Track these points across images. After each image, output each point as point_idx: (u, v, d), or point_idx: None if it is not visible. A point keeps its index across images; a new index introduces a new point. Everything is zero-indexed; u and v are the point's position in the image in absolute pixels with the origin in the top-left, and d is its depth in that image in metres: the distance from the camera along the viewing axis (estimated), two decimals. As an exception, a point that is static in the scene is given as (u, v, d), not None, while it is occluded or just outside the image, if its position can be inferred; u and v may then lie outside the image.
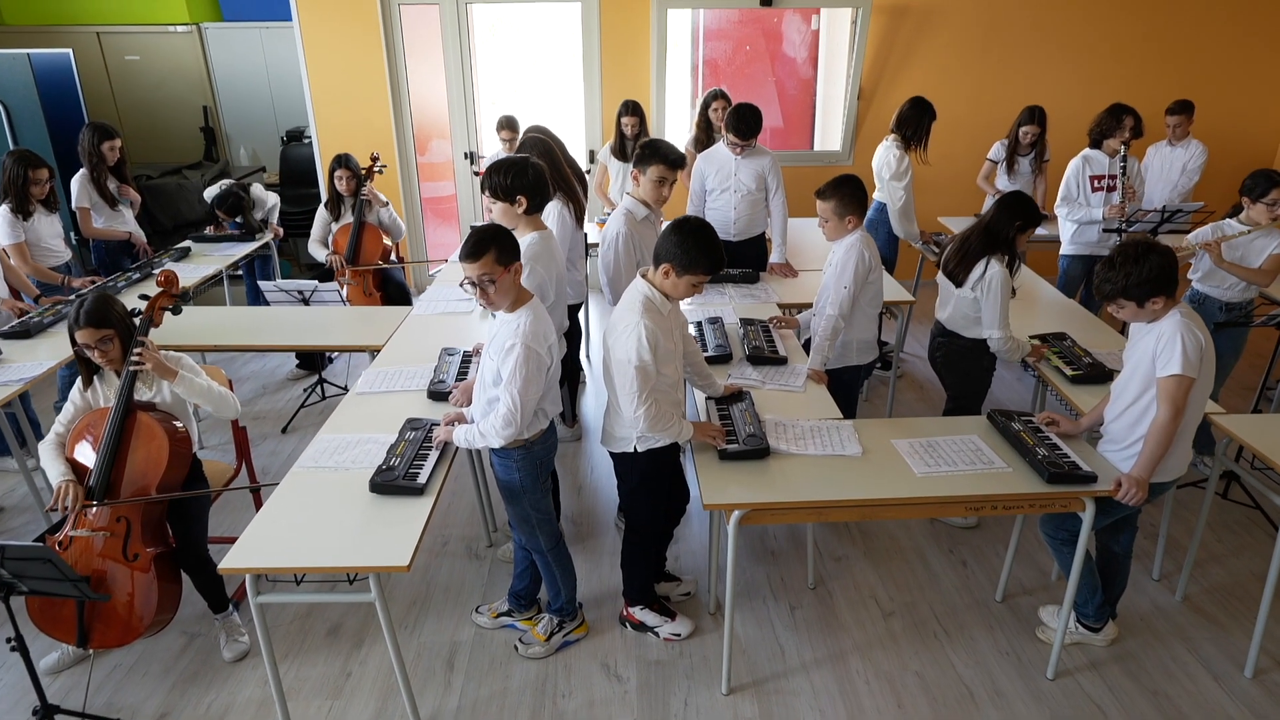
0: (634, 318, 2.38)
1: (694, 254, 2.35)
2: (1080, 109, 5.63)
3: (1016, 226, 3.00)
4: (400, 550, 2.11)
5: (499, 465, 2.49)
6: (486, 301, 2.29)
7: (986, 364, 3.22)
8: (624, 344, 2.38)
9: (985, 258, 3.03)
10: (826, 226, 3.03)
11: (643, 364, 2.35)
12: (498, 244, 2.26)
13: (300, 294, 4.12)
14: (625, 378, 2.38)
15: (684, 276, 2.38)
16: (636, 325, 2.35)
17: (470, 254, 2.26)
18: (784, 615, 2.98)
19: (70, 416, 2.66)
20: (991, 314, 3.02)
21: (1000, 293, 2.97)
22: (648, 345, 2.34)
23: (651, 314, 2.39)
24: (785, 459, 2.52)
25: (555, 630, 2.80)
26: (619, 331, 2.41)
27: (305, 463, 2.52)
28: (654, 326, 2.37)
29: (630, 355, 2.35)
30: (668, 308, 2.45)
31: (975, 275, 3.05)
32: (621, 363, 2.39)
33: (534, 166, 2.72)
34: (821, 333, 3.04)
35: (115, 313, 2.56)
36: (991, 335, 3.05)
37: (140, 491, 2.55)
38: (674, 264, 2.37)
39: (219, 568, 2.07)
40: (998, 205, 3.06)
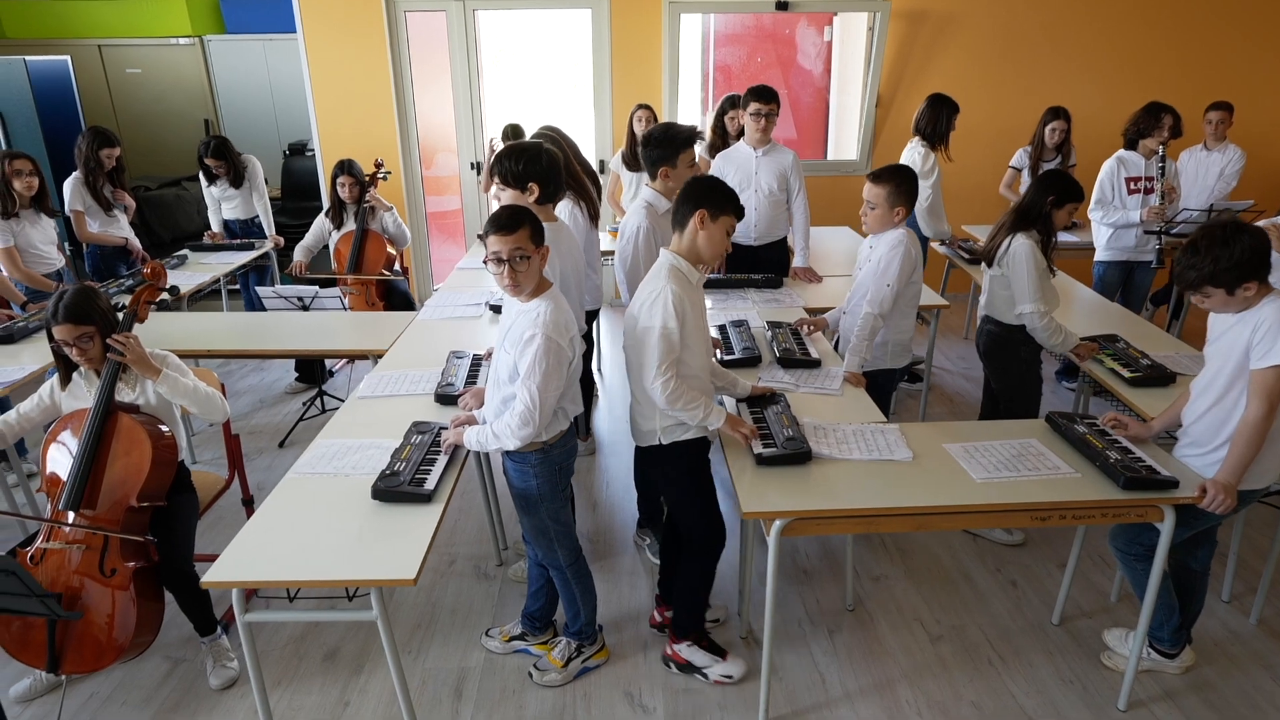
0: (660, 283, 2.20)
1: (722, 194, 2.22)
2: (1101, 115, 5.49)
3: (1050, 202, 2.84)
4: (406, 563, 1.88)
5: (514, 471, 2.27)
6: (513, 282, 2.09)
7: (1026, 355, 3.01)
8: (648, 311, 2.19)
9: (1014, 233, 2.87)
10: (872, 215, 2.83)
11: (667, 330, 2.16)
12: (532, 222, 2.08)
13: (300, 300, 3.93)
14: (649, 346, 2.19)
15: (718, 220, 2.21)
16: (663, 290, 2.17)
17: (506, 226, 2.07)
18: (822, 640, 2.73)
19: (30, 410, 2.46)
20: (1020, 287, 2.84)
21: (1027, 264, 2.81)
22: (674, 311, 2.16)
23: (679, 281, 2.21)
24: (828, 464, 2.29)
25: (573, 655, 2.55)
26: (643, 300, 2.23)
27: (301, 468, 2.30)
28: (681, 293, 2.18)
29: (654, 321, 2.17)
30: (695, 277, 2.27)
31: (1002, 250, 2.91)
32: (646, 330, 2.19)
33: (548, 153, 2.54)
34: (859, 333, 2.83)
35: (97, 307, 2.36)
36: (1024, 310, 2.86)
37: (120, 500, 2.33)
38: (707, 208, 2.20)
39: (202, 581, 1.84)
40: (1033, 183, 2.96)
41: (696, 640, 2.52)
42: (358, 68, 5.49)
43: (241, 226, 5.03)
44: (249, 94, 6.52)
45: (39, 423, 2.48)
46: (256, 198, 4.95)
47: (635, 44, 5.55)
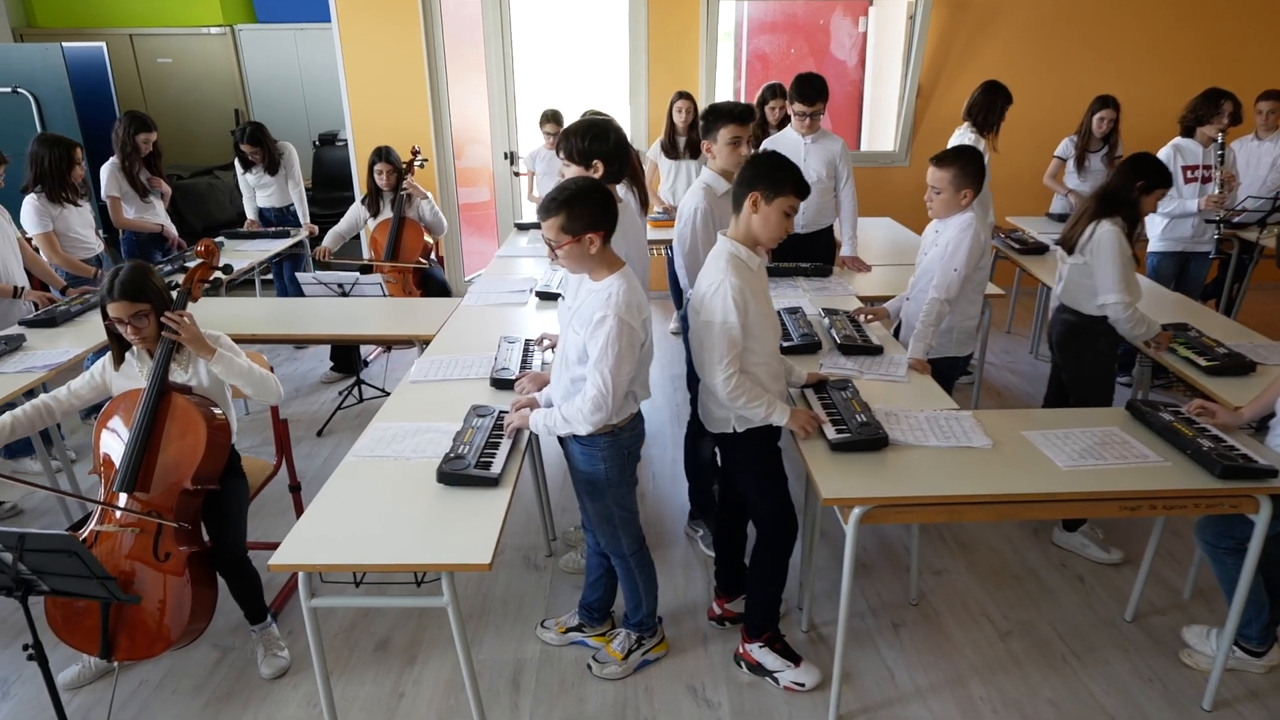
0: (719, 276, 2.12)
1: (780, 173, 2.12)
2: (1147, 104, 5.36)
3: (1139, 187, 2.73)
4: (478, 547, 1.81)
5: (581, 455, 2.19)
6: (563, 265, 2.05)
7: (1103, 347, 2.90)
8: (709, 304, 2.12)
9: (1098, 219, 2.75)
10: (937, 200, 2.74)
11: (727, 325, 2.09)
12: (570, 207, 1.97)
13: (340, 286, 3.87)
14: (709, 340, 2.12)
15: (774, 201, 2.12)
16: (722, 283, 2.10)
17: (540, 211, 2.02)
18: (887, 634, 2.64)
19: (80, 387, 2.41)
20: (1105, 276, 2.72)
21: (1113, 251, 2.69)
22: (734, 305, 2.08)
23: (739, 271, 2.13)
24: (904, 451, 2.20)
25: (633, 647, 2.47)
26: (703, 292, 2.15)
27: (360, 451, 2.23)
28: (742, 284, 2.11)
29: (715, 315, 2.10)
30: (756, 262, 2.19)
31: (1085, 238, 2.78)
32: (707, 325, 2.12)
33: (616, 130, 2.47)
34: (924, 319, 2.74)
35: (153, 285, 2.30)
36: (1108, 301, 2.74)
37: (174, 483, 2.27)
38: (762, 189, 2.11)
39: (270, 564, 1.78)
40: (1119, 166, 2.83)
41: (770, 642, 2.43)
42: (392, 56, 5.44)
43: (276, 215, 4.99)
44: (279, 83, 6.48)
45: (90, 401, 2.43)
46: (292, 186, 4.90)
47: (673, 32, 5.47)
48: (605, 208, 2.03)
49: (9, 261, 3.40)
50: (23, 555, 1.78)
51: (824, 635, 2.64)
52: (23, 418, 2.34)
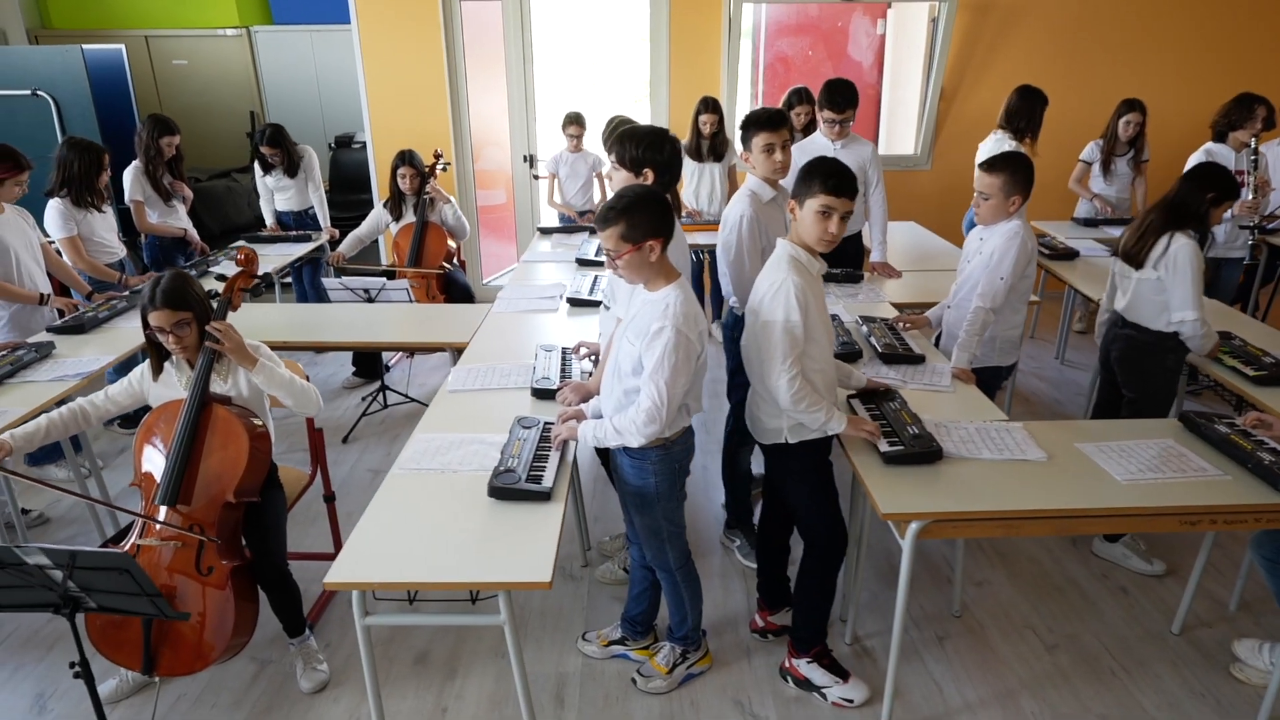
0: (781, 275, 2.10)
1: (810, 174, 2.10)
2: (1173, 109, 5.33)
3: (1209, 199, 2.67)
4: (537, 564, 1.78)
5: (630, 469, 2.16)
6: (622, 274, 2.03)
7: (1171, 364, 2.83)
8: (770, 304, 2.10)
9: (1169, 232, 2.69)
10: (985, 206, 2.71)
11: (790, 324, 2.07)
12: (630, 215, 1.96)
13: (366, 292, 3.84)
14: (770, 341, 2.09)
15: (806, 203, 2.11)
16: (784, 282, 2.08)
17: (599, 220, 2.00)
18: (932, 647, 2.61)
19: (118, 393, 2.37)
20: (1183, 294, 2.65)
21: (1190, 267, 2.62)
22: (797, 304, 2.06)
23: (800, 272, 2.11)
24: (957, 463, 2.17)
25: (678, 661, 2.44)
26: (763, 293, 2.13)
27: (405, 464, 2.20)
28: (804, 284, 2.08)
29: (777, 314, 2.08)
30: (815, 267, 2.17)
31: (1158, 252, 2.70)
32: (768, 325, 2.10)
33: (672, 141, 2.43)
34: (969, 328, 2.71)
35: (194, 293, 2.27)
36: (1185, 319, 2.67)
37: (216, 496, 2.24)
38: (796, 192, 2.13)
39: (324, 582, 1.74)
40: (1185, 176, 2.75)
41: (818, 657, 2.39)
42: (411, 58, 5.40)
43: (295, 218, 4.95)
44: (295, 86, 6.44)
45: (125, 408, 2.40)
46: (313, 189, 4.87)
47: (694, 34, 5.43)
48: (664, 215, 2.00)
49: (33, 269, 3.37)
50: (73, 573, 1.75)
51: (869, 648, 2.61)
52: (59, 421, 2.31)
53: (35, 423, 2.28)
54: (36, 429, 2.27)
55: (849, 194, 2.10)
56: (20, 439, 2.22)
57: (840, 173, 2.09)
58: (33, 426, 2.26)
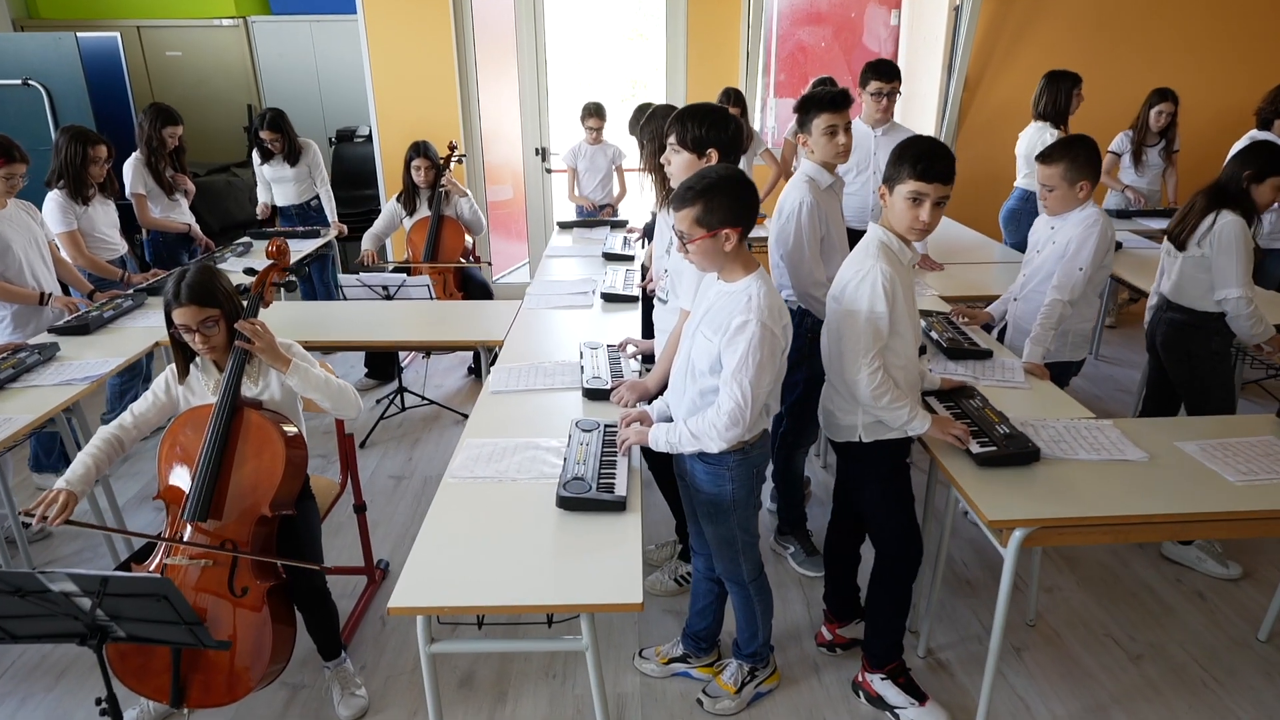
0: (868, 262, 1.94)
1: (900, 157, 1.93)
2: (1204, 99, 5.22)
3: (1247, 176, 2.58)
4: (625, 584, 1.61)
5: (705, 475, 1.99)
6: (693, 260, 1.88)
7: (1216, 346, 2.73)
8: (854, 292, 1.94)
9: (1215, 210, 2.59)
10: (1051, 197, 2.58)
11: (874, 315, 1.91)
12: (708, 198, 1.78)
13: (385, 289, 3.65)
14: (852, 331, 1.94)
15: (895, 190, 1.94)
16: (871, 270, 1.92)
17: (675, 200, 1.84)
18: (1011, 659, 2.46)
19: (146, 410, 2.16)
20: (1226, 269, 2.56)
21: (1236, 242, 2.54)
22: (884, 293, 1.90)
23: (890, 260, 1.95)
24: (1054, 465, 2.02)
25: (746, 679, 2.27)
26: (847, 280, 1.97)
27: (458, 472, 2.02)
28: (892, 273, 1.92)
29: (861, 304, 1.92)
30: (907, 256, 2.01)
31: (1202, 229, 2.62)
32: (851, 314, 1.94)
33: (735, 120, 2.26)
34: (1043, 321, 2.56)
35: (222, 289, 2.07)
36: (1229, 296, 2.58)
37: (250, 509, 2.05)
38: (886, 176, 1.97)
39: (389, 607, 1.56)
40: (1230, 159, 2.67)
41: (893, 674, 2.23)
42: (419, 48, 5.20)
43: (297, 212, 4.74)
44: (295, 78, 6.21)
45: (156, 423, 2.18)
46: (319, 183, 4.66)
47: (713, 23, 5.28)
48: (747, 201, 1.83)
49: (37, 266, 3.15)
50: (101, 600, 1.56)
51: (943, 661, 2.46)
52: (101, 456, 2.07)
53: (83, 464, 2.03)
54: (87, 470, 2.03)
55: (943, 179, 1.92)
56: (79, 484, 2.00)
57: (933, 154, 1.92)
58: (82, 469, 2.02)
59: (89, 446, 2.07)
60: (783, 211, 2.61)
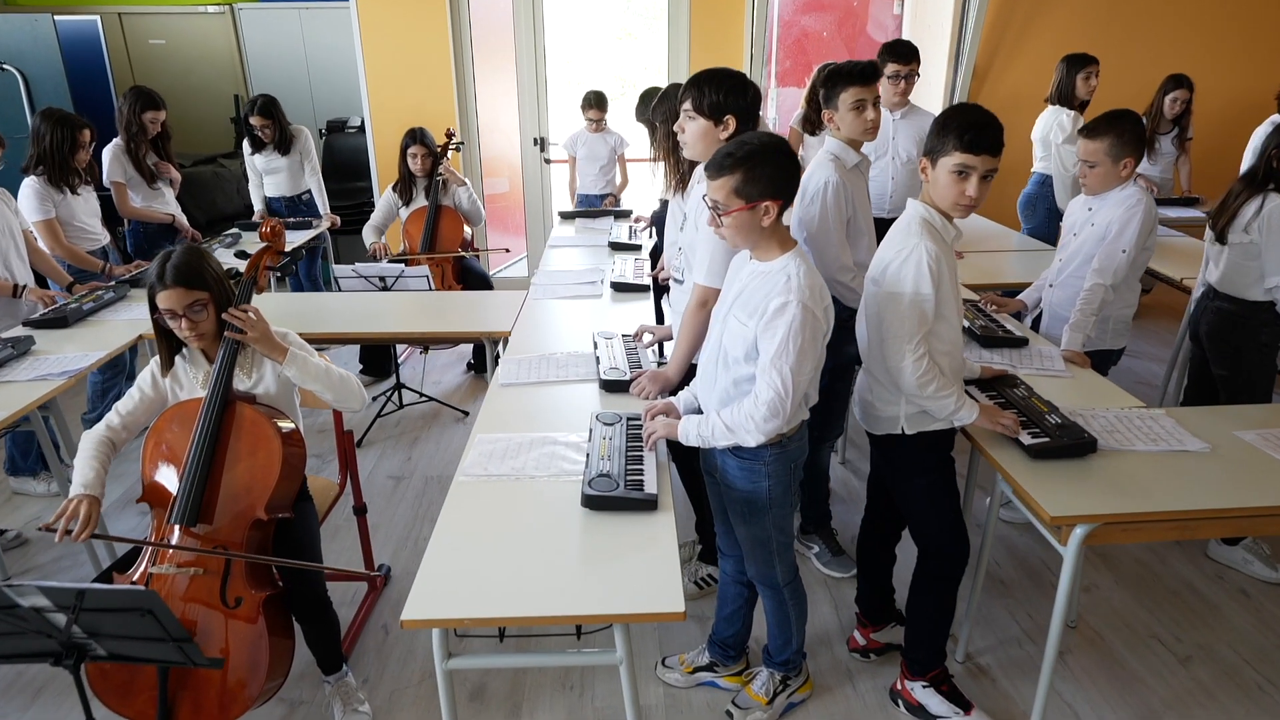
0: (911, 240, 1.79)
1: (944, 126, 1.77)
2: (1217, 85, 5.11)
3: (1272, 154, 2.46)
4: (663, 590, 1.46)
5: (738, 471, 1.84)
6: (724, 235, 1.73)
7: (1266, 338, 2.60)
8: (896, 273, 1.79)
9: (1261, 194, 2.48)
10: (1093, 174, 2.45)
11: (919, 297, 1.77)
12: (749, 165, 1.64)
13: (381, 280, 3.48)
14: (895, 315, 1.79)
15: (939, 161, 1.78)
16: (916, 248, 1.77)
17: (711, 167, 1.69)
18: (1054, 664, 2.32)
19: (133, 408, 1.99)
20: (1276, 256, 2.43)
21: None
22: (929, 274, 1.76)
23: (935, 239, 1.81)
24: (1110, 457, 1.89)
25: (779, 689, 2.12)
26: (888, 260, 1.82)
27: (471, 470, 1.86)
28: (938, 251, 1.78)
29: (904, 285, 1.78)
30: (951, 234, 1.86)
31: (1248, 214, 2.50)
32: (893, 297, 1.79)
33: (754, 85, 2.11)
34: (1083, 306, 2.43)
35: (211, 270, 1.91)
36: (1277, 283, 2.46)
37: (243, 512, 1.88)
38: (929, 147, 1.81)
39: (402, 620, 1.40)
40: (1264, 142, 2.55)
41: (936, 682, 2.09)
42: (414, 35, 5.02)
43: (288, 205, 4.56)
44: (283, 67, 6.02)
45: (145, 422, 2.01)
46: (309, 172, 4.49)
47: (715, 13, 5.14)
48: (790, 172, 1.68)
49: (10, 256, 2.96)
50: (78, 615, 1.40)
51: (983, 666, 2.32)
52: (103, 458, 1.91)
53: (91, 468, 1.87)
54: (98, 474, 1.87)
55: (992, 150, 1.77)
56: (96, 489, 1.85)
57: (981, 123, 1.77)
58: (92, 473, 1.86)
59: (85, 452, 1.90)
60: (806, 193, 2.45)
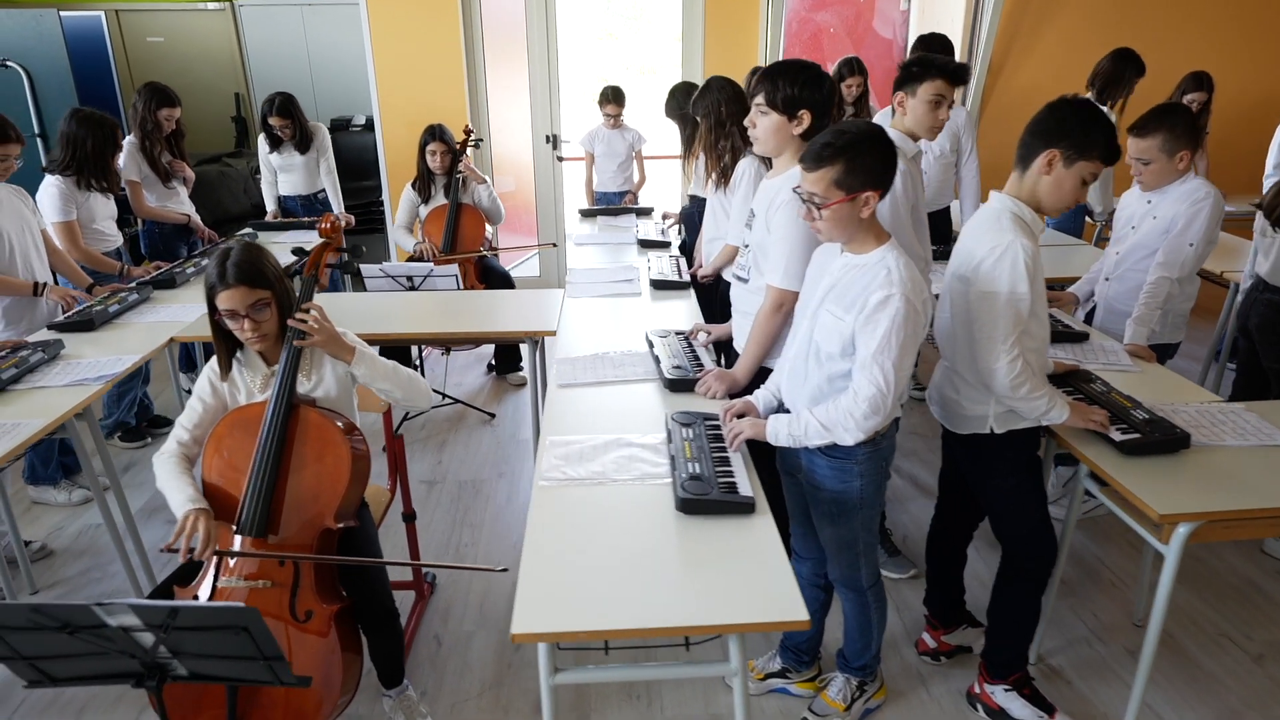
0: (1006, 236, 1.73)
1: (1093, 129, 1.72)
2: (1227, 84, 5.13)
3: None
4: (780, 596, 1.40)
5: (829, 471, 1.78)
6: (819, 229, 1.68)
7: None
8: (990, 271, 1.73)
9: None
10: (1148, 171, 2.42)
11: (1015, 296, 1.71)
12: (850, 156, 1.60)
13: (409, 279, 3.39)
14: (989, 315, 1.73)
15: (1076, 164, 1.73)
16: (1011, 245, 1.71)
17: (808, 159, 1.64)
18: (1126, 661, 2.29)
19: (198, 419, 1.90)
20: None
21: None
22: (1025, 272, 1.71)
23: (1028, 234, 1.76)
24: (1202, 453, 1.86)
25: (855, 695, 2.07)
26: (980, 257, 1.76)
27: (549, 474, 1.79)
28: (1035, 249, 1.73)
29: (1000, 284, 1.72)
30: (1040, 229, 1.81)
31: None
32: (987, 296, 1.74)
33: (830, 79, 2.06)
34: (1148, 300, 2.40)
35: (272, 268, 1.82)
36: None
37: (312, 520, 1.80)
38: (1065, 147, 1.73)
39: (513, 634, 1.33)
40: None
41: (1018, 685, 2.04)
42: (425, 31, 4.92)
43: (303, 204, 4.46)
44: (285, 65, 5.89)
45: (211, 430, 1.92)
46: (325, 171, 4.39)
47: (730, 8, 5.09)
48: (890, 161, 1.64)
49: (30, 255, 2.85)
50: (166, 633, 1.31)
51: (1056, 668, 2.28)
52: (190, 478, 1.83)
53: (188, 483, 1.81)
54: (195, 488, 1.80)
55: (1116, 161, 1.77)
56: (202, 501, 1.78)
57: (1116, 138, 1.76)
58: (191, 488, 1.79)
59: (170, 472, 1.82)
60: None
